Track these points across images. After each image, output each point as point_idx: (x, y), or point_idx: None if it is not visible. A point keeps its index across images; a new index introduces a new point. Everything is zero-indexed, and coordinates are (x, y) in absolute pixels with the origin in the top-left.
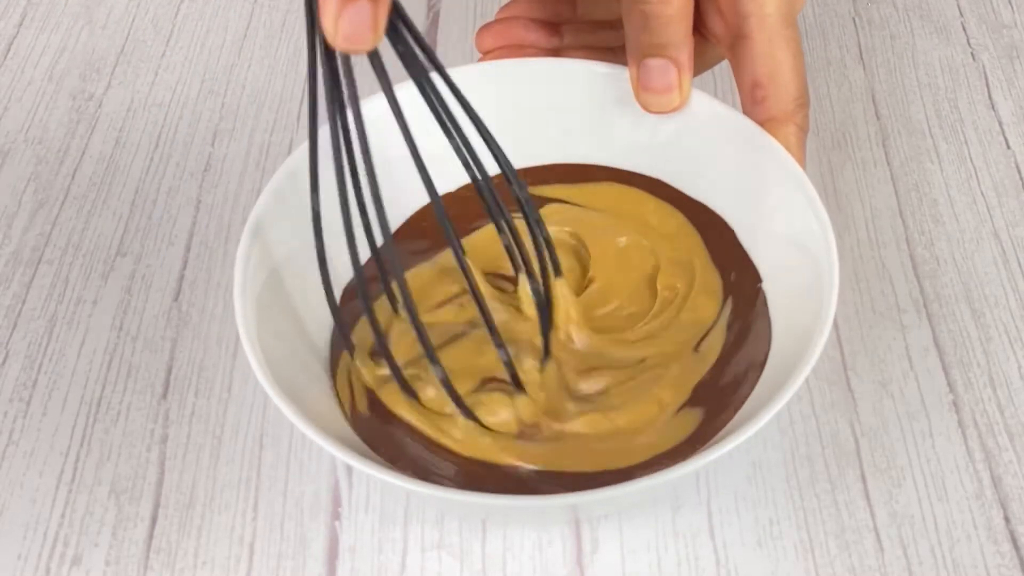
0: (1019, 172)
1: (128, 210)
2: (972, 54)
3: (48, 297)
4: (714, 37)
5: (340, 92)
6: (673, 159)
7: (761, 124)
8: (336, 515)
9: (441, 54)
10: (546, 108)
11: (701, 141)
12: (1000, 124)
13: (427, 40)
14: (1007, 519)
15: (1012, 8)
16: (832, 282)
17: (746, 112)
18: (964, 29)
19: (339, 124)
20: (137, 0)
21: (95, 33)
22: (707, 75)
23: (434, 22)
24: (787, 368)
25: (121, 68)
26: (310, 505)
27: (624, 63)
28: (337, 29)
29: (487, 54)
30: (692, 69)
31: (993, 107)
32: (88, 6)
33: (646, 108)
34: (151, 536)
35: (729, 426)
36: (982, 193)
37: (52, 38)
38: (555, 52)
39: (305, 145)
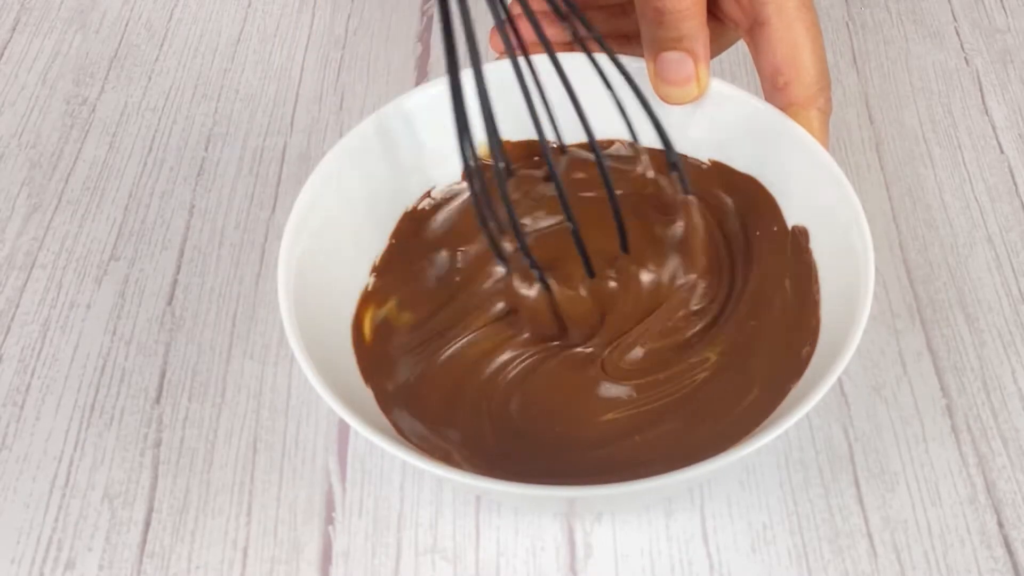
0: (1012, 177)
1: (122, 215)
2: (966, 59)
3: (41, 302)
4: (731, 22)
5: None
6: (705, 148)
7: (783, 109)
8: (330, 520)
9: (435, 58)
10: (594, 102)
11: (724, 131)
12: (993, 129)
13: (420, 44)
14: (1000, 524)
15: (1006, 13)
16: (868, 279)
17: (768, 98)
18: (958, 34)
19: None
20: (131, 5)
21: (88, 38)
22: (723, 60)
23: (427, 27)
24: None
25: (115, 72)
26: (304, 510)
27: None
28: None
29: (503, 54)
30: (709, 59)
31: (986, 112)
32: (82, 11)
33: (665, 100)
34: (144, 541)
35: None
36: (975, 198)
37: (46, 43)
38: (571, 45)
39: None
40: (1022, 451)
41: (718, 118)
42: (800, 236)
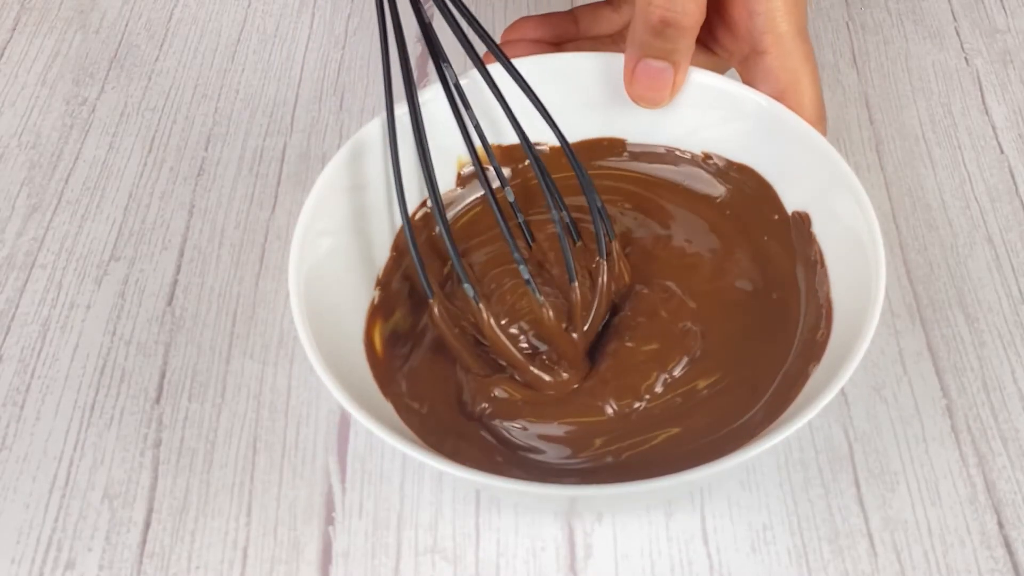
0: (1012, 177)
1: (121, 215)
2: (966, 59)
3: (41, 302)
4: (725, 52)
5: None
6: (697, 140)
7: None
8: (330, 520)
9: (433, 69)
10: (586, 100)
11: (715, 122)
12: (993, 129)
13: (420, 44)
14: (1000, 524)
15: (1006, 13)
16: (878, 255)
17: None
18: (958, 34)
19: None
20: (131, 5)
21: (88, 38)
22: None
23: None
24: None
25: (115, 72)
26: (303, 510)
27: None
28: None
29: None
30: (687, 72)
31: (986, 112)
32: (82, 11)
33: (636, 102)
34: (144, 541)
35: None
36: (975, 198)
37: (46, 43)
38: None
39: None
40: (1022, 451)
41: (708, 109)
42: (802, 221)
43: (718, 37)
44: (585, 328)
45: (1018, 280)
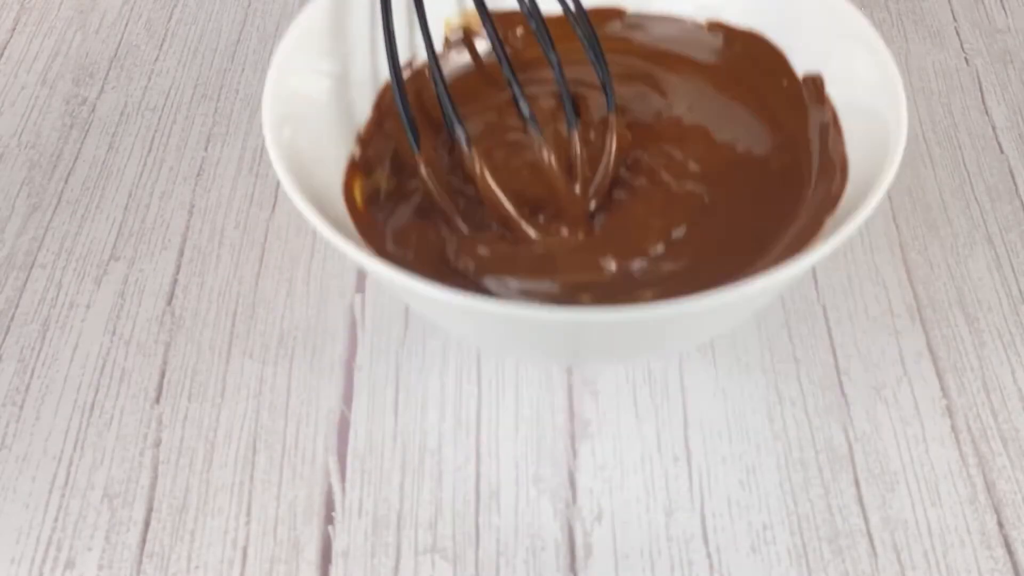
0: (1012, 177)
1: (121, 214)
2: (966, 59)
3: (41, 301)
4: None
5: None
6: (701, 8)
7: None
8: (329, 519)
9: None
10: None
11: None
12: (993, 129)
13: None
14: (1000, 524)
15: (1006, 13)
16: (900, 107)
17: None
18: (958, 34)
19: None
20: (131, 4)
21: (88, 37)
22: None
23: None
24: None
25: (114, 72)
26: (303, 509)
27: None
28: None
29: None
30: None
31: (986, 112)
32: (82, 10)
33: None
34: (144, 540)
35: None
36: (975, 198)
37: (46, 42)
38: None
39: None
40: (1022, 451)
41: None
42: (815, 84)
43: None
44: (593, 188)
45: (1018, 280)
